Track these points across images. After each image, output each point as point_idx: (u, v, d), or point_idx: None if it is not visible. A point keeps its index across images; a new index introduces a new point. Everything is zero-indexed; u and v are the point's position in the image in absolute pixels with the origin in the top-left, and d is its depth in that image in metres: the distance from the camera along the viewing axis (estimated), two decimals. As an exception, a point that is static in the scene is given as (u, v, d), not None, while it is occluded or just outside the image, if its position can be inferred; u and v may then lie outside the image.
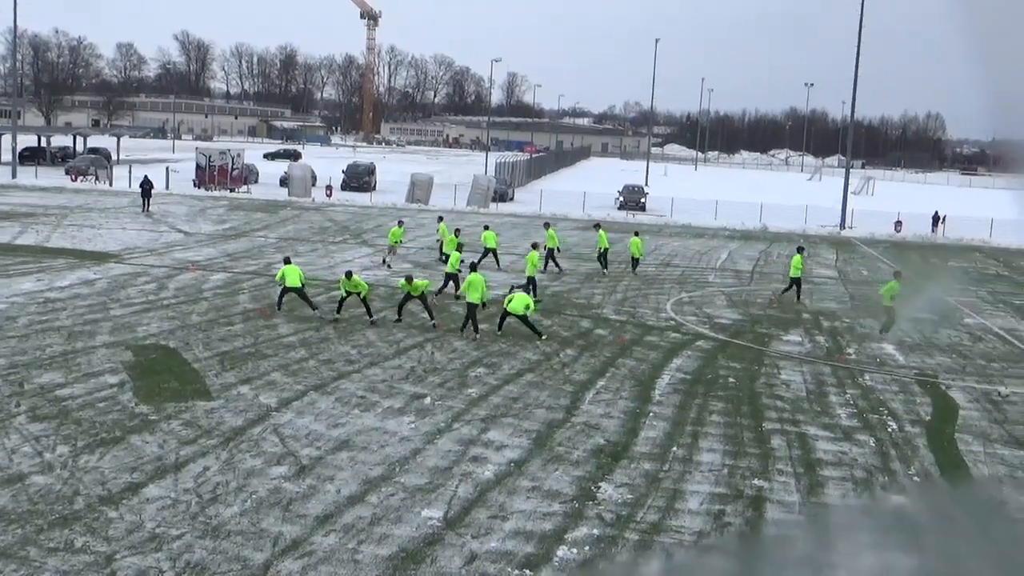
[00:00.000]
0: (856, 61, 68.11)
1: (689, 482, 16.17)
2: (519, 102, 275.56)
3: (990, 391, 23.70)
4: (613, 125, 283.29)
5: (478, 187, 70.43)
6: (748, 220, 66.73)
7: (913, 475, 17.17)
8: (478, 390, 21.02)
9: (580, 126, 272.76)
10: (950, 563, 5.72)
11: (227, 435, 17.17)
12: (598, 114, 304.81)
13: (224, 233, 46.59)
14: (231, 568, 12.13)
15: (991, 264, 53.34)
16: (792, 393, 22.43)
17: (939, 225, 68.03)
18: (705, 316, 31.68)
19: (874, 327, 31.26)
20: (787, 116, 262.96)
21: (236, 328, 25.82)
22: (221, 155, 72.74)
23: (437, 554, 12.86)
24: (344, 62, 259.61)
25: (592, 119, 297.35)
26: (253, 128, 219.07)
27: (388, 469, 15.92)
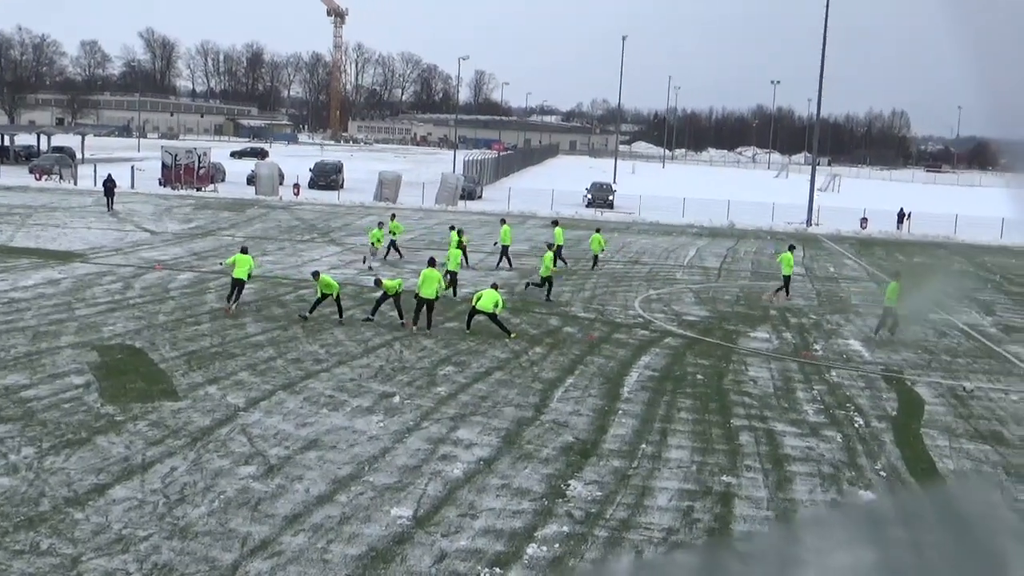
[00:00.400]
0: (822, 59, 68.64)
1: (658, 479, 16.22)
2: (487, 100, 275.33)
3: (955, 386, 23.91)
4: (581, 123, 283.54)
5: (446, 185, 70.38)
6: (715, 217, 67.05)
7: (880, 470, 17.29)
8: (447, 388, 21.00)
9: (548, 124, 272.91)
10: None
11: (194, 435, 17.06)
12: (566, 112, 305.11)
13: (191, 232, 46.32)
14: (199, 569, 12.06)
15: (956, 261, 53.82)
16: (760, 390, 22.55)
17: (904, 222, 68.64)
18: (673, 313, 31.79)
19: (841, 323, 31.49)
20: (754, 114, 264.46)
21: (203, 328, 25.66)
22: (187, 154, 72.31)
23: (407, 553, 12.84)
24: (311, 60, 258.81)
25: (560, 117, 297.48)
26: (220, 126, 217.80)
27: (357, 468, 15.88)
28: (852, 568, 6.03)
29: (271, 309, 28.04)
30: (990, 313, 35.75)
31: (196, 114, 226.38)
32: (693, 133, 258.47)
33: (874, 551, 6.27)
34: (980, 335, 30.95)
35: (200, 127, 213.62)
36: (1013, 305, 38.13)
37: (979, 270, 49.76)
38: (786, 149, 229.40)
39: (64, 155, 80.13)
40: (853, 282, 41.99)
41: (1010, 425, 20.70)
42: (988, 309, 36.63)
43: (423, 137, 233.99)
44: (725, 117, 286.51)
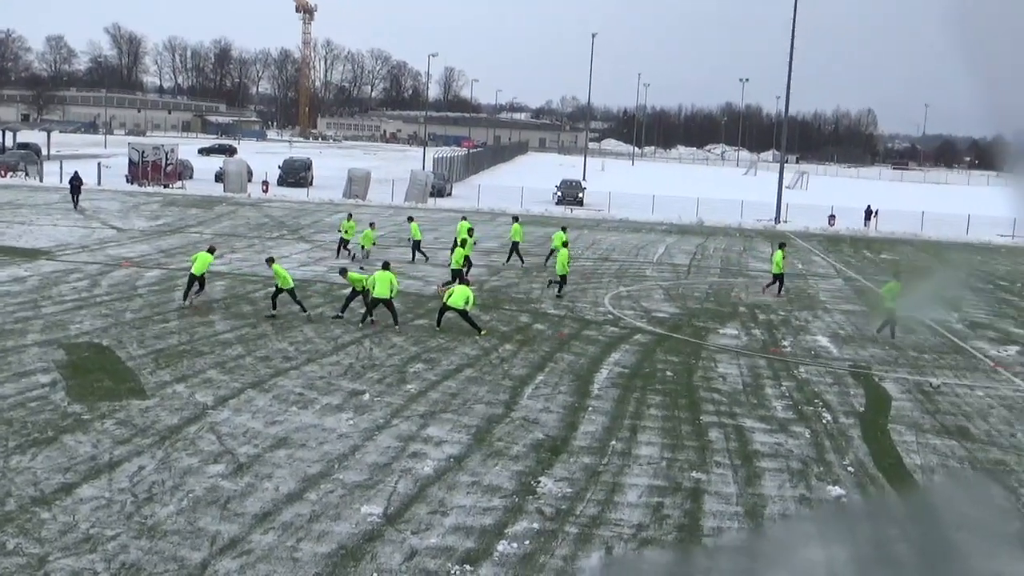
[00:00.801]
0: (790, 57, 68.98)
1: (628, 475, 16.26)
2: (456, 97, 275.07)
3: (922, 382, 24.10)
4: (551, 120, 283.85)
5: (416, 182, 70.25)
6: (685, 214, 67.27)
7: (848, 466, 17.41)
8: (417, 386, 20.96)
9: (518, 121, 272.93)
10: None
11: (162, 434, 16.96)
12: (535, 109, 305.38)
13: (158, 229, 46.01)
14: (168, 568, 11.99)
15: (922, 257, 54.24)
16: (729, 386, 22.65)
17: (872, 219, 69.13)
18: (643, 310, 31.87)
19: (810, 320, 31.67)
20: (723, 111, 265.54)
21: (171, 325, 25.50)
22: (154, 150, 71.76)
23: (377, 551, 12.81)
24: (280, 56, 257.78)
25: (530, 114, 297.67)
26: (187, 123, 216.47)
27: (327, 466, 15.83)
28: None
29: (240, 306, 27.90)
30: (956, 309, 36.04)
31: (163, 110, 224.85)
32: (662, 130, 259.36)
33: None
34: (946, 331, 31.20)
35: (168, 124, 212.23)
36: (978, 301, 38.46)
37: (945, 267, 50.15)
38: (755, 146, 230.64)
39: (30, 152, 79.19)
40: (822, 279, 42.25)
41: (976, 420, 20.89)
42: (954, 305, 36.92)
43: (392, 134, 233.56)
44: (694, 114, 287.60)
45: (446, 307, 26.10)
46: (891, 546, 13.96)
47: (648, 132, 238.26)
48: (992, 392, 23.56)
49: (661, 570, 13.30)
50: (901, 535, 14.80)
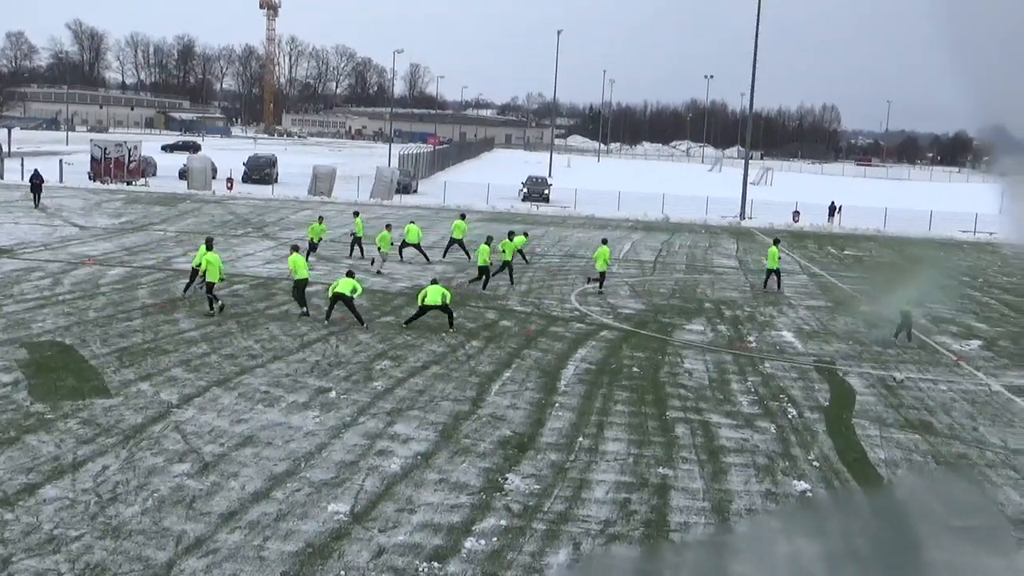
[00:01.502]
0: (754, 54, 69.31)
1: (595, 471, 16.30)
2: (422, 93, 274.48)
3: (886, 377, 24.30)
4: (516, 117, 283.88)
5: (381, 179, 70.04)
6: (650, 211, 67.47)
7: (813, 460, 17.52)
8: (383, 383, 20.92)
9: (483, 118, 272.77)
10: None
11: (127, 433, 16.83)
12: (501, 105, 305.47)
13: (121, 227, 45.63)
14: (133, 568, 11.90)
15: (886, 252, 54.67)
16: (695, 382, 22.75)
17: (835, 215, 69.63)
18: (609, 306, 31.95)
19: (775, 315, 31.84)
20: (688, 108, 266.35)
21: (135, 323, 25.31)
22: (117, 147, 71.10)
23: (344, 549, 12.78)
24: (244, 52, 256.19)
25: (495, 111, 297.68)
26: (150, 119, 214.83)
27: (293, 464, 15.77)
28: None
29: (204, 305, 27.71)
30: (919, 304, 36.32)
31: (126, 107, 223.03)
32: (628, 127, 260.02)
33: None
34: (909, 326, 31.41)
35: (130, 120, 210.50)
36: (942, 296, 38.78)
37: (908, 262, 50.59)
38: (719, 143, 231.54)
39: (-10, 149, 78.44)
40: (786, 275, 42.44)
41: (939, 414, 21.09)
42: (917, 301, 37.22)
43: (358, 131, 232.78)
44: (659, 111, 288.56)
45: (427, 307, 26.04)
46: (853, 539, 14.04)
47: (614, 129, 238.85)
48: (955, 386, 23.79)
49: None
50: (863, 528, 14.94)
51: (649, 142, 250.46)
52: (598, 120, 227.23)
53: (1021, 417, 21.36)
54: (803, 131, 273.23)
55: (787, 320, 31.31)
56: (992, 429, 20.23)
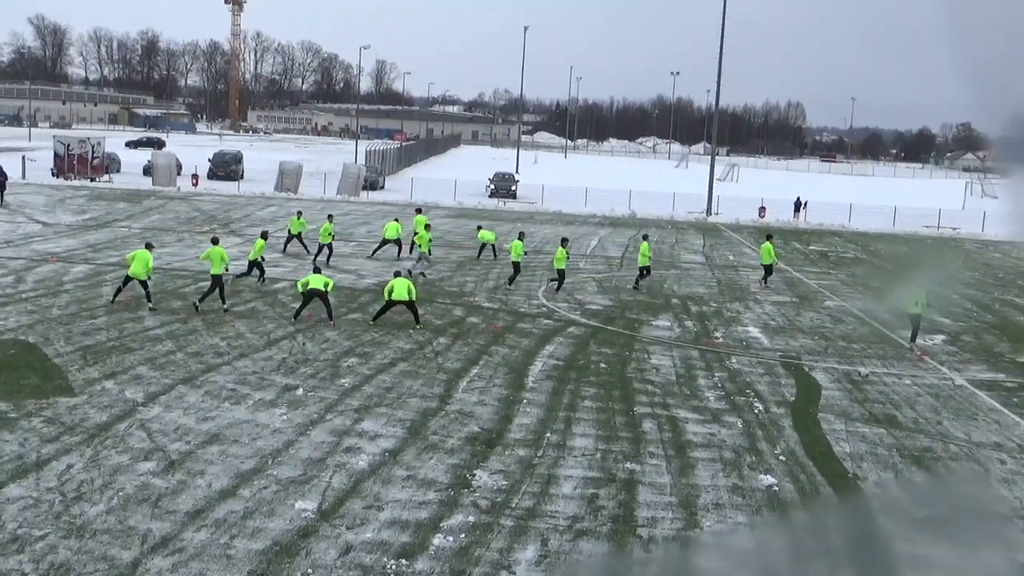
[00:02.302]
0: (720, 50, 69.54)
1: (563, 467, 16.32)
2: (388, 89, 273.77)
3: (850, 371, 24.48)
4: (483, 113, 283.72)
5: (348, 176, 69.80)
6: (617, 207, 67.62)
7: (779, 455, 17.62)
8: (351, 380, 20.86)
9: (450, 114, 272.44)
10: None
11: (91, 431, 16.69)
12: (468, 102, 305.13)
13: (85, 224, 45.26)
14: (98, 568, 11.80)
15: (850, 248, 55.06)
16: (662, 377, 22.82)
17: (801, 210, 70.06)
18: (576, 303, 31.99)
19: (741, 311, 31.98)
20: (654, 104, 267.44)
21: (99, 321, 25.10)
22: (80, 143, 70.49)
23: (312, 546, 12.73)
24: (208, 48, 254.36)
25: (462, 107, 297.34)
26: (114, 115, 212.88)
27: (260, 462, 15.69)
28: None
29: (170, 302, 27.53)
30: (883, 299, 36.66)
31: (90, 103, 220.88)
32: (594, 123, 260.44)
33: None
34: (874, 321, 31.71)
35: (94, 116, 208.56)
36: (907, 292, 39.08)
37: (872, 257, 50.99)
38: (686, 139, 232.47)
39: (-49, 145, 77.65)
40: (752, 270, 42.68)
41: (903, 408, 21.26)
42: (881, 295, 37.56)
43: (324, 127, 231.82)
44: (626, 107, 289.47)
45: (392, 302, 25.99)
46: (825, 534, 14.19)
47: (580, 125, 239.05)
48: (919, 380, 23.99)
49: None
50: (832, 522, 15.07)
51: (616, 138, 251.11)
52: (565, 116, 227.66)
53: (984, 411, 21.57)
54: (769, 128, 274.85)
55: (753, 316, 31.47)
56: (956, 423, 20.42)
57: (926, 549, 13.26)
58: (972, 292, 39.64)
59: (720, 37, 68.72)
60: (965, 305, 35.98)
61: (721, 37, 68.75)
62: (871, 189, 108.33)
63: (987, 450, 18.70)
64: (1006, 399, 22.74)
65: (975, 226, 68.21)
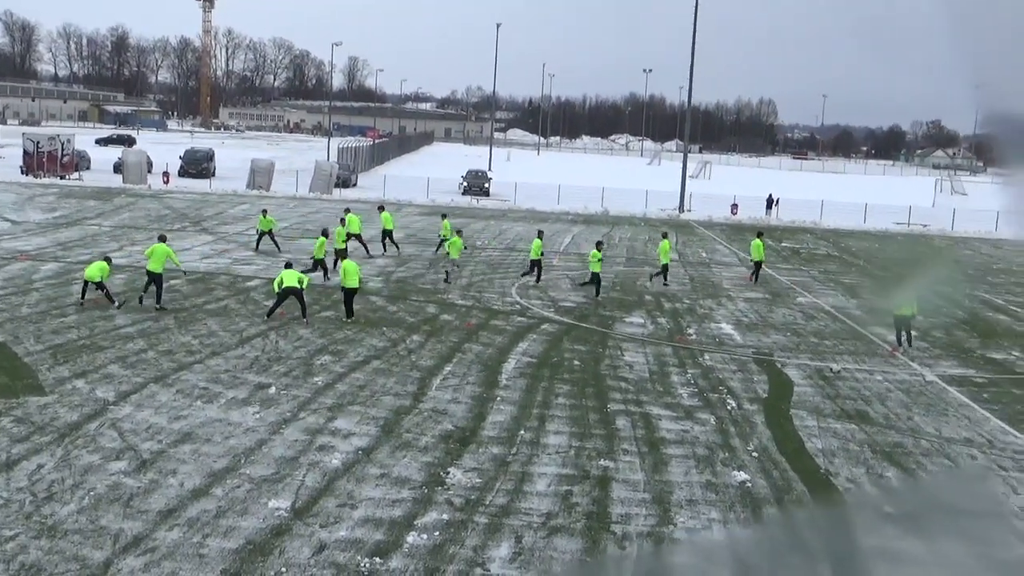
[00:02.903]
0: (692, 48, 69.74)
1: (536, 464, 16.33)
2: (361, 87, 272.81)
3: (823, 368, 24.61)
4: (456, 110, 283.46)
5: (320, 173, 69.61)
6: (590, 204, 67.71)
7: (752, 451, 17.69)
8: (324, 378, 20.79)
9: (423, 111, 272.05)
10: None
11: (62, 431, 16.56)
12: (441, 99, 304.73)
13: (55, 221, 44.92)
14: (69, 568, 11.72)
15: (822, 245, 55.34)
16: (635, 374, 22.87)
17: (773, 207, 70.39)
18: (550, 300, 32.01)
19: (714, 308, 32.09)
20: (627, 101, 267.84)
21: (69, 320, 24.92)
22: (50, 140, 69.91)
23: (285, 545, 12.68)
24: (179, 45, 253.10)
25: (435, 104, 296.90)
26: (84, 112, 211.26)
27: (233, 461, 15.62)
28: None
29: (141, 300, 27.34)
30: (855, 296, 36.92)
31: (59, 100, 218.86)
32: (567, 121, 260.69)
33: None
34: (846, 317, 31.90)
35: (63, 113, 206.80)
36: (877, 287, 39.39)
37: (843, 254, 51.26)
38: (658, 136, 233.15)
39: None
40: (725, 267, 42.87)
41: (875, 404, 21.39)
42: (853, 292, 37.82)
43: (296, 124, 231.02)
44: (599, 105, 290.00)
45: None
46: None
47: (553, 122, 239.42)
48: (890, 376, 24.15)
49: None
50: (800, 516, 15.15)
51: (588, 136, 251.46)
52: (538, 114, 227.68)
53: (954, 406, 21.74)
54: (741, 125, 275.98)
55: (726, 312, 31.58)
56: (926, 418, 20.57)
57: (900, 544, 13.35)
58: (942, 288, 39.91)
59: (693, 35, 68.94)
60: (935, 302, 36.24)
61: (693, 35, 68.97)
62: (842, 186, 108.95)
63: (958, 445, 18.84)
64: (976, 395, 22.93)
65: (945, 223, 68.73)
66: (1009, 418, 21.02)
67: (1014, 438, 19.58)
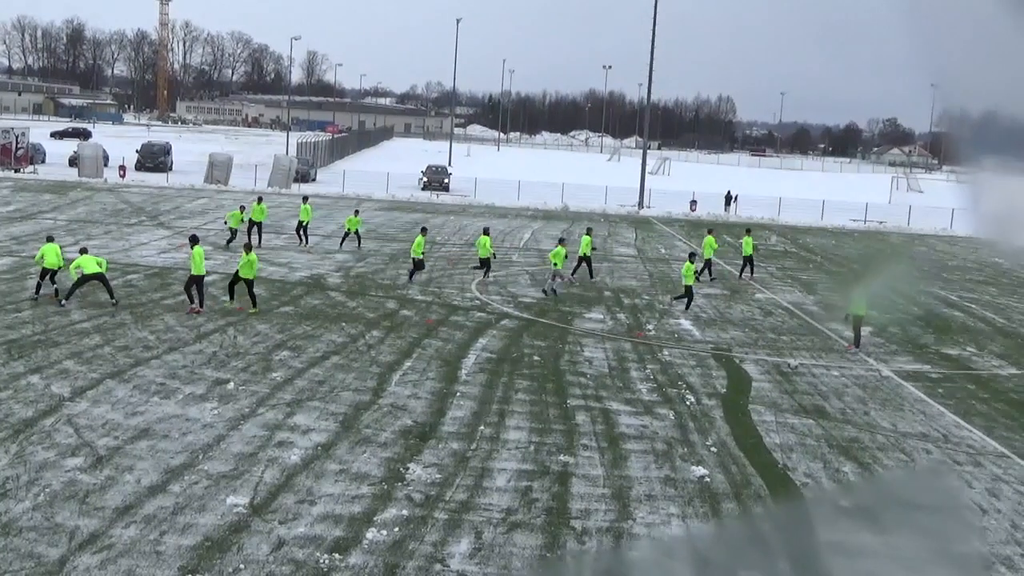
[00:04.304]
0: (652, 45, 70.00)
1: (496, 460, 16.33)
2: (320, 81, 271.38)
3: (780, 363, 24.79)
4: (416, 105, 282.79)
5: (279, 167, 69.25)
6: (550, 200, 67.79)
7: (711, 446, 17.79)
8: (283, 374, 20.68)
9: (382, 106, 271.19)
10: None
11: (16, 427, 16.36)
12: (400, 94, 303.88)
13: (9, 216, 44.36)
14: (24, 566, 11.58)
15: (780, 241, 55.71)
16: (595, 370, 22.93)
17: (731, 204, 70.80)
18: (510, 295, 32.03)
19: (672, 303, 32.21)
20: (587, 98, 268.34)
21: (24, 315, 24.62)
22: (4, 133, 69.04)
23: (244, 541, 12.60)
24: (136, 37, 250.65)
25: (394, 99, 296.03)
26: (39, 105, 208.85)
27: (191, 457, 15.50)
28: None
29: (97, 295, 27.07)
30: (812, 292, 37.21)
31: (13, 92, 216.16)
32: (527, 116, 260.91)
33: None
34: (803, 313, 32.15)
35: (17, 106, 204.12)
36: (833, 284, 39.72)
37: (801, 250, 51.65)
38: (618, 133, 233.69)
39: None
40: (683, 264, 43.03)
41: (832, 399, 21.58)
42: (810, 288, 38.12)
43: (255, 118, 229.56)
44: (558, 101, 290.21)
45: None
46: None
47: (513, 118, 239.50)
48: (847, 372, 24.37)
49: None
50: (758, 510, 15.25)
51: (548, 131, 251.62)
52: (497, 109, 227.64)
53: (910, 401, 21.97)
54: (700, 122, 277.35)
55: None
56: (883, 413, 20.77)
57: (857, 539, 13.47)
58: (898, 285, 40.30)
59: (652, 31, 69.18)
60: (892, 298, 36.58)
61: (653, 31, 69.23)
62: (800, 183, 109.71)
63: (913, 440, 19.05)
64: (931, 390, 23.19)
65: (901, 220, 69.41)
66: (963, 413, 21.28)
67: (968, 433, 19.83)
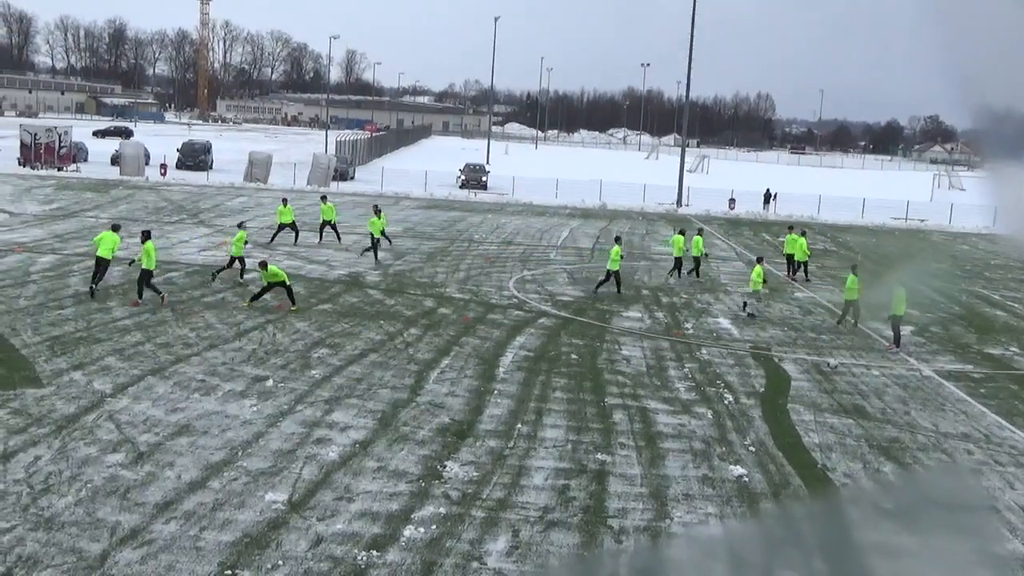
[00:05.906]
0: (691, 42, 69.72)
1: (534, 458, 16.33)
2: (358, 80, 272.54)
3: (820, 362, 24.62)
4: (454, 104, 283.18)
5: (318, 166, 69.55)
6: (588, 198, 67.67)
7: (749, 445, 17.71)
8: (321, 371, 20.78)
9: (421, 104, 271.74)
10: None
11: (59, 423, 16.55)
12: (438, 92, 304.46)
13: (52, 213, 44.85)
14: (66, 560, 11.71)
15: (819, 240, 55.31)
16: (633, 368, 22.87)
17: (770, 202, 70.35)
18: (547, 294, 32.01)
19: (711, 302, 32.08)
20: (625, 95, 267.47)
21: (67, 312, 24.89)
22: (47, 132, 69.79)
23: (282, 538, 12.68)
24: (177, 37, 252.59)
25: (432, 97, 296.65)
26: (81, 105, 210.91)
27: (230, 453, 15.61)
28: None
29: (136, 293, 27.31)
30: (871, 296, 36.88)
31: (56, 91, 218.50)
32: (565, 114, 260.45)
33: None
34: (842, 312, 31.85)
35: (61, 105, 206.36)
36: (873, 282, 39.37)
37: (841, 249, 51.26)
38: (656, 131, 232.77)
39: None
40: (722, 262, 42.88)
41: (872, 399, 21.41)
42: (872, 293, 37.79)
43: (294, 117, 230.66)
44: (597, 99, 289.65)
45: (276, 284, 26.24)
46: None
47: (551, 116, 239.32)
48: (887, 371, 24.16)
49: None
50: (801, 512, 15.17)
51: (586, 129, 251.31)
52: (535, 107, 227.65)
53: (951, 401, 21.76)
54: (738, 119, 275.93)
55: (723, 307, 31.59)
56: (923, 413, 20.59)
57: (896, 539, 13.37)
58: (938, 283, 39.95)
59: (691, 29, 68.91)
60: (932, 297, 36.26)
61: (692, 29, 68.95)
62: (840, 181, 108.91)
63: (954, 440, 18.87)
64: (973, 390, 22.96)
65: (943, 218, 68.76)
66: (1006, 413, 21.06)
67: (1011, 433, 19.62)
